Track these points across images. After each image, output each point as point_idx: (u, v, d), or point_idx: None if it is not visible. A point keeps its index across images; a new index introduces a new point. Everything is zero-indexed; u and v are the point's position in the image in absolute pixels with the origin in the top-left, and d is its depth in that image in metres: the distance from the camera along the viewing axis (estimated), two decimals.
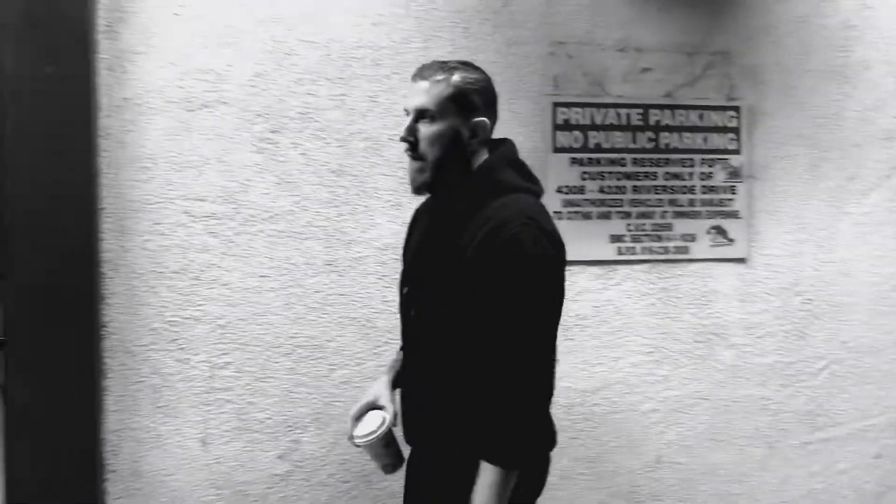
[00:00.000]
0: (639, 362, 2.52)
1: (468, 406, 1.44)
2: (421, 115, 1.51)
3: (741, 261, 2.59)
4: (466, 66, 1.56)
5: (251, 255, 2.23)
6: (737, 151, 2.57)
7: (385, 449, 1.61)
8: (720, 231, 2.56)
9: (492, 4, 2.40)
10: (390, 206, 2.32)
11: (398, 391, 1.67)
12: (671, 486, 2.55)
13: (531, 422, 1.43)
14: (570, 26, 2.44)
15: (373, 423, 1.60)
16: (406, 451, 1.67)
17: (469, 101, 1.51)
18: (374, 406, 1.65)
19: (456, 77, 1.51)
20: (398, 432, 1.64)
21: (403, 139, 1.54)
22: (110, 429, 2.17)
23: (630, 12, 2.48)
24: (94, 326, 2.13)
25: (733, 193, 2.57)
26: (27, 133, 2.07)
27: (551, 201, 2.40)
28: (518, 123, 2.40)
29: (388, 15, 2.32)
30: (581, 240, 2.44)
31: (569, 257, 2.30)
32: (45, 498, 2.07)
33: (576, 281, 2.45)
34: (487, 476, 1.39)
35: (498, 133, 2.29)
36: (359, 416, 1.64)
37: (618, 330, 2.50)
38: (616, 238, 2.49)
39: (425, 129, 1.50)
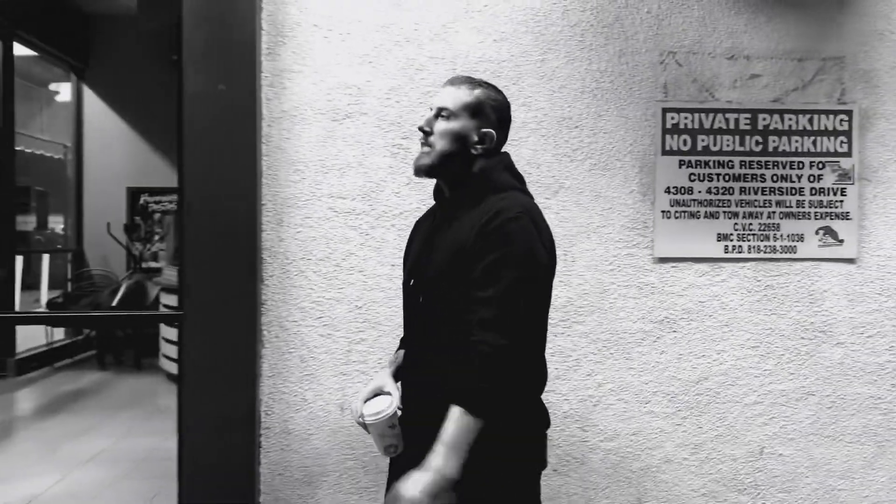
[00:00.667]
0: (743, 356, 2.61)
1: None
2: (440, 112, 1.73)
3: (851, 261, 2.62)
4: (491, 87, 1.77)
5: (384, 246, 2.53)
6: (847, 154, 2.61)
7: (390, 430, 1.68)
8: (829, 231, 2.61)
9: (604, 18, 2.58)
10: None
11: (400, 381, 1.79)
12: (774, 476, 2.63)
13: (502, 377, 1.49)
14: (680, 36, 2.58)
15: (380, 405, 1.69)
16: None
17: (483, 112, 1.71)
18: (379, 392, 1.74)
19: (479, 91, 1.73)
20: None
21: (420, 128, 1.75)
22: (265, 392, 2.53)
23: (739, 22, 2.59)
24: (254, 303, 2.48)
25: (843, 195, 2.61)
26: (203, 140, 2.46)
27: (659, 201, 2.56)
28: (629, 128, 2.58)
29: (509, 32, 2.56)
30: (688, 238, 2.58)
31: (674, 254, 2.49)
32: (212, 446, 2.44)
33: (682, 277, 2.59)
34: (452, 413, 1.49)
35: (610, 136, 2.51)
36: (366, 400, 1.73)
37: (723, 325, 2.61)
38: (723, 237, 2.60)
39: (440, 125, 1.72)
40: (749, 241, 2.60)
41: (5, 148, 7.20)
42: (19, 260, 8.09)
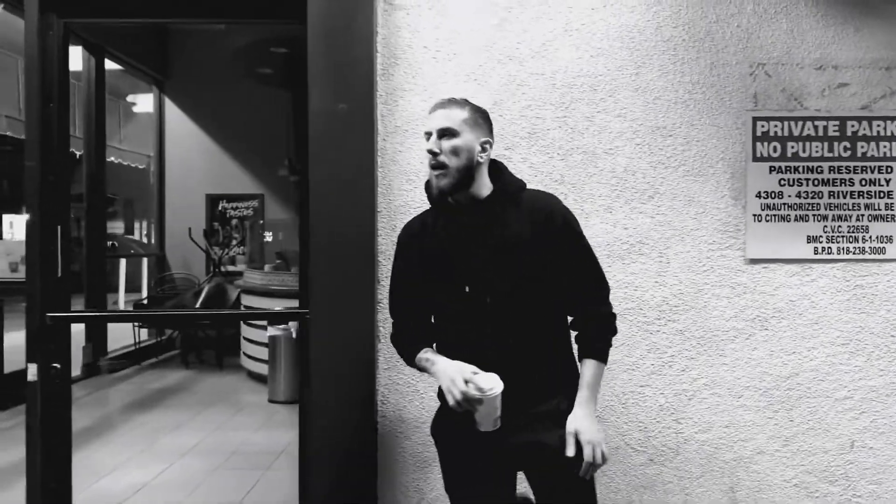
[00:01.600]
0: (833, 353, 2.71)
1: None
2: (444, 133, 1.96)
3: None
4: (469, 102, 2.02)
5: None
6: None
7: (499, 404, 1.86)
8: None
9: (696, 33, 2.73)
10: (603, 210, 2.72)
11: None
12: (865, 469, 2.72)
13: (612, 336, 2.10)
14: (769, 49, 2.71)
15: (492, 381, 1.85)
16: None
17: (478, 123, 1.97)
18: (476, 372, 1.88)
19: (468, 107, 2.00)
20: None
21: (430, 150, 1.96)
22: (381, 383, 2.73)
23: (828, 33, 2.71)
24: (372, 302, 2.69)
25: None
26: (325, 153, 2.67)
27: (751, 205, 2.69)
28: (720, 136, 2.71)
29: (605, 48, 2.72)
30: (778, 240, 2.69)
31: (765, 255, 2.63)
32: (334, 432, 2.65)
33: (773, 277, 2.71)
34: (588, 364, 2.04)
35: (702, 144, 2.65)
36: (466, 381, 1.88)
37: (813, 323, 2.71)
38: (813, 238, 2.71)
39: (447, 144, 1.95)
40: (838, 242, 2.70)
41: (97, 159, 7.65)
42: (122, 263, 8.55)
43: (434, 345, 2.10)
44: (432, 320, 2.14)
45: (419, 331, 2.13)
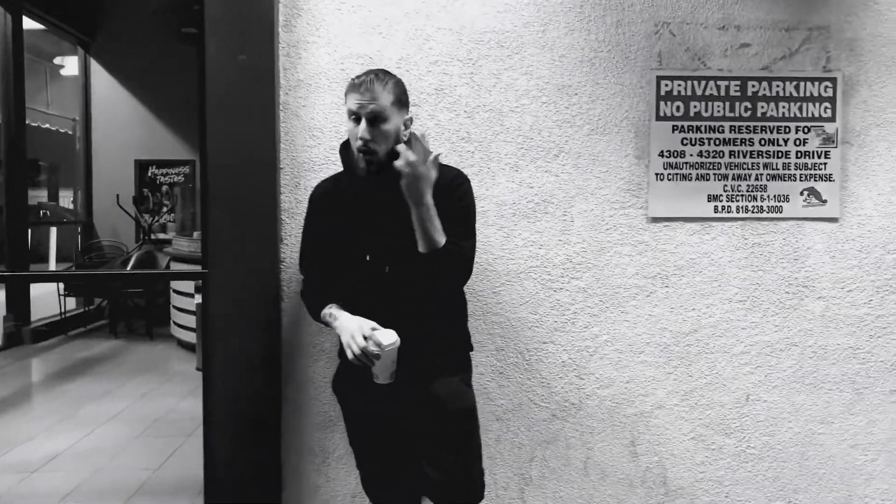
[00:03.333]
0: (731, 309, 2.77)
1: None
2: (374, 119, 2.02)
3: (833, 220, 2.77)
4: (389, 74, 2.08)
5: None
6: (831, 119, 2.75)
7: (396, 358, 2.02)
8: (813, 192, 2.75)
9: None
10: (509, 168, 2.71)
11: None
12: (759, 421, 2.81)
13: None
14: (674, 7, 2.72)
15: (391, 336, 1.99)
16: None
17: (402, 100, 2.08)
18: (374, 328, 2.03)
19: (391, 83, 2.06)
20: None
21: (362, 138, 2.03)
22: (286, 342, 2.68)
23: None
24: (275, 261, 2.64)
25: (827, 158, 2.74)
26: (224, 108, 2.58)
27: (654, 164, 2.72)
28: (625, 95, 2.72)
29: (512, 4, 2.69)
30: (680, 198, 2.72)
31: (668, 214, 2.66)
32: (237, 392, 2.61)
33: (674, 235, 2.75)
34: None
35: (607, 102, 2.66)
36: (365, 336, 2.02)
37: (712, 280, 2.76)
38: (713, 197, 2.74)
39: (380, 130, 2.04)
40: (737, 201, 2.75)
41: (16, 122, 7.34)
42: (53, 231, 8.26)
43: (340, 302, 2.18)
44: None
45: (326, 287, 2.23)
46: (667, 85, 2.72)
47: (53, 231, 9.11)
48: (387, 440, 2.20)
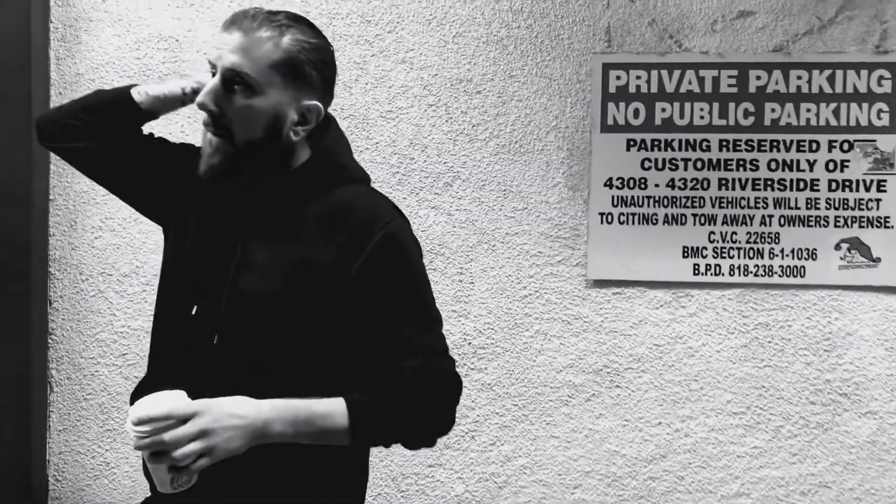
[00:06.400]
0: (720, 426, 2.02)
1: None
2: (234, 79, 1.08)
3: (891, 290, 2.03)
4: (301, 22, 1.15)
5: None
6: (889, 130, 2.01)
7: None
8: (858, 245, 2.06)
9: None
10: None
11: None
12: None
13: None
14: None
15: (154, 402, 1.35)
16: None
17: (303, 74, 1.14)
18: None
19: (288, 38, 1.11)
20: None
21: (203, 106, 1.08)
22: (54, 451, 2.13)
23: None
24: (41, 331, 2.07)
25: (881, 191, 2.03)
26: None
27: (596, 199, 2.04)
28: (553, 93, 2.09)
29: None
30: (639, 252, 2.08)
31: (620, 275, 2.06)
32: None
33: (629, 308, 2.06)
34: None
35: (525, 104, 2.03)
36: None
37: (690, 379, 2.04)
38: (692, 251, 2.08)
39: (239, 101, 1.11)
40: (732, 257, 2.08)
41: None
42: None
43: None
44: None
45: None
46: (619, 77, 2.07)
47: None
48: None
